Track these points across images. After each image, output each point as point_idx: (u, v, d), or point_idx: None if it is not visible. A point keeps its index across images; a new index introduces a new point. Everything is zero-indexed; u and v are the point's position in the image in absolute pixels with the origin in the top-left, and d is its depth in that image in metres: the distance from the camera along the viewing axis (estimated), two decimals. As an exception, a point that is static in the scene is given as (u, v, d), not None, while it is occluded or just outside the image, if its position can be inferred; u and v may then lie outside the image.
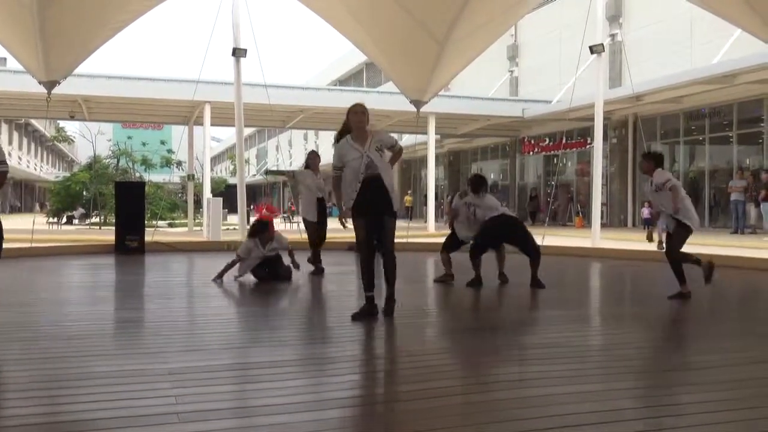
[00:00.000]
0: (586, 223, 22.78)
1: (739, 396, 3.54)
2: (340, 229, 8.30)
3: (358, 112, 5.56)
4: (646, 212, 21.64)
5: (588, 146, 24.39)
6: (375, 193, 5.46)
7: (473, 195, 7.98)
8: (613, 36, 24.89)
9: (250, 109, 18.65)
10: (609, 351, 4.88)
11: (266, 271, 8.28)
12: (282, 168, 41.01)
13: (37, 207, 58.10)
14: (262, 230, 8.30)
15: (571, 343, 4.92)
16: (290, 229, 20.18)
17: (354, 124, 5.55)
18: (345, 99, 25.87)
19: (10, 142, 59.18)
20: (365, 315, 5.58)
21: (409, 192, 37.55)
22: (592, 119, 15.14)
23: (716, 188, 22.00)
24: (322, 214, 9.23)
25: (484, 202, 7.91)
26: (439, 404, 3.41)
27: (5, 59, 43.59)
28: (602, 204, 18.93)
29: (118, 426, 3.03)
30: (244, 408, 3.40)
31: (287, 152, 61.61)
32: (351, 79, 50.70)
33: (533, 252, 7.75)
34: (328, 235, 9.44)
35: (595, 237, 14.30)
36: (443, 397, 3.54)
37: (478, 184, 8.02)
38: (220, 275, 8.23)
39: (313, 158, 9.52)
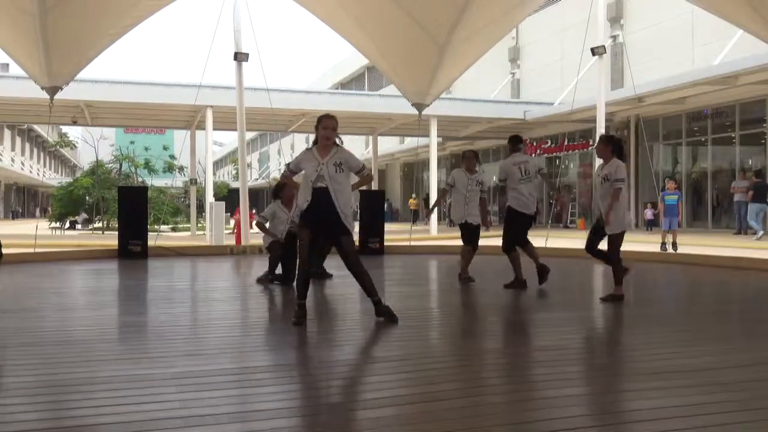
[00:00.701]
0: (589, 224, 22.76)
1: (743, 397, 3.54)
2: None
3: (328, 128, 5.53)
4: (649, 213, 21.61)
5: (590, 148, 24.37)
6: (324, 207, 5.45)
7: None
8: (614, 37, 24.90)
9: (252, 113, 18.67)
10: (613, 353, 4.88)
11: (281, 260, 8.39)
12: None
13: (38, 212, 58.10)
14: (281, 189, 8.50)
15: (574, 345, 4.92)
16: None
17: (321, 140, 5.54)
18: (347, 102, 25.93)
19: (13, 148, 59.29)
20: (302, 319, 5.49)
21: (413, 195, 37.58)
22: (594, 121, 15.15)
23: (719, 189, 21.97)
24: None
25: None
26: (440, 407, 3.41)
27: (8, 65, 43.67)
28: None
29: (122, 431, 3.04)
30: (248, 412, 3.40)
31: (289, 156, 61.61)
32: (353, 82, 50.72)
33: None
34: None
35: (597, 239, 14.27)
36: (445, 401, 3.54)
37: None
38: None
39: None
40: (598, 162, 7.24)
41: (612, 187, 6.74)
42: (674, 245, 14.07)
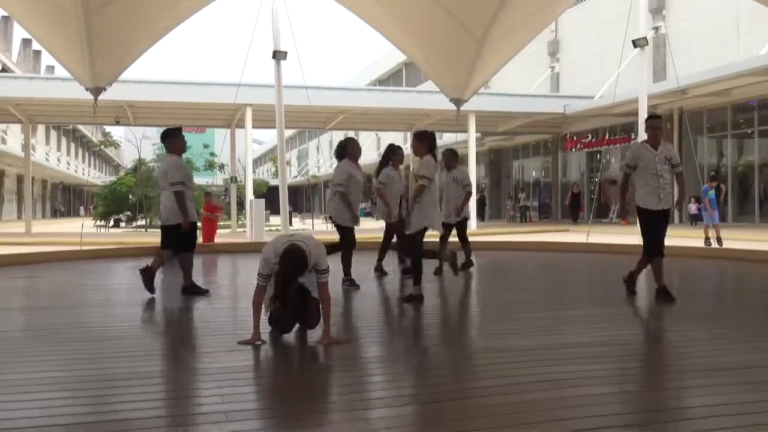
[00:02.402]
0: (632, 219, 22.39)
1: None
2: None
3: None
4: (693, 208, 21.18)
5: (632, 142, 23.97)
6: None
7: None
8: (656, 29, 24.42)
9: (291, 110, 18.80)
10: (658, 350, 4.80)
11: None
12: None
13: (82, 211, 59.47)
14: (345, 147, 7.73)
15: (614, 342, 4.84)
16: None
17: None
18: (385, 99, 25.89)
19: (59, 148, 60.70)
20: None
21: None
22: (636, 114, 14.90)
23: (766, 182, 21.44)
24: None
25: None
26: (477, 404, 3.39)
27: (53, 67, 44.65)
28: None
29: (165, 425, 3.09)
30: (287, 406, 3.42)
31: (328, 153, 61.89)
32: (390, 78, 50.72)
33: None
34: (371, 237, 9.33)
35: (640, 234, 14.04)
36: (481, 398, 3.51)
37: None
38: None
39: (399, 154, 8.34)
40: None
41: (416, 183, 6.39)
42: (719, 240, 13.80)
